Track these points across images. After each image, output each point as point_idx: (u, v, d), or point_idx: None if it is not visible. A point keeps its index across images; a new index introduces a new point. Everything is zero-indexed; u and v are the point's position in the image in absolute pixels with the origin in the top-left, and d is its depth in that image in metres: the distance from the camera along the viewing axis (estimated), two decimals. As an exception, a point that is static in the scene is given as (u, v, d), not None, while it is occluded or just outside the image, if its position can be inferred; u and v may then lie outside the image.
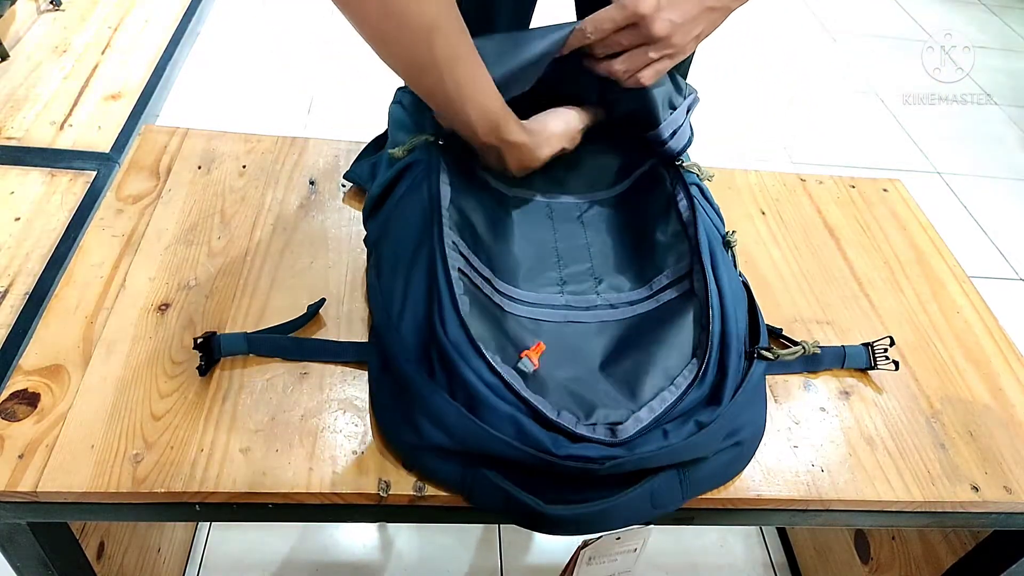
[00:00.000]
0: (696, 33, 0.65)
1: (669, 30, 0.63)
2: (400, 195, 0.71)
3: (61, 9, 1.96)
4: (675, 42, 0.64)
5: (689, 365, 0.62)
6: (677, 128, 0.74)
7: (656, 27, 0.63)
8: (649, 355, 0.64)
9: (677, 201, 0.74)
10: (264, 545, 1.13)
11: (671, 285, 0.70)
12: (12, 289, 1.28)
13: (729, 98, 2.28)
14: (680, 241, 0.72)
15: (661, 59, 0.66)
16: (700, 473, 0.60)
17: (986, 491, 0.66)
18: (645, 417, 0.58)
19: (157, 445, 0.60)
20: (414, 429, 0.58)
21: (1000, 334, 0.81)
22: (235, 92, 2.00)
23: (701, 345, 0.63)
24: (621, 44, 0.65)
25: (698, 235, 0.68)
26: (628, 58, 0.65)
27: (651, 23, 0.63)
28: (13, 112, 1.63)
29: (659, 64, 0.66)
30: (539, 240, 0.75)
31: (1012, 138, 2.31)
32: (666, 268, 0.71)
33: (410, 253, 0.65)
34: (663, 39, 0.64)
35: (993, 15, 2.97)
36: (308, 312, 0.69)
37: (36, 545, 0.64)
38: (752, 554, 1.22)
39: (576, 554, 0.64)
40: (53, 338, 0.66)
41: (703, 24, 0.65)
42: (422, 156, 0.73)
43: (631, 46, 0.65)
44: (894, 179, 1.01)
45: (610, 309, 0.70)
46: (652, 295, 0.71)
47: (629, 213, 0.79)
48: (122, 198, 0.81)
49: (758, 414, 0.65)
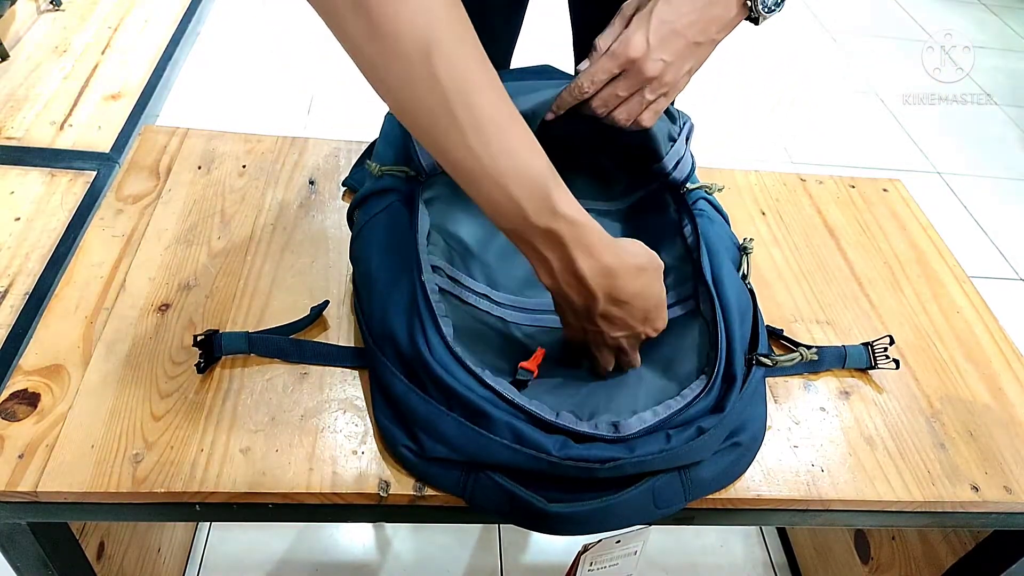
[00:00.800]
0: (687, 68, 0.66)
1: (661, 69, 0.64)
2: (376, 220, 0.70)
3: (61, 9, 1.96)
4: (668, 80, 0.65)
5: (697, 380, 0.63)
6: (680, 159, 0.75)
7: (649, 68, 0.64)
8: (655, 369, 0.65)
9: (682, 227, 0.75)
10: (264, 545, 1.13)
11: (675, 304, 0.71)
12: (12, 289, 1.28)
13: (729, 98, 2.28)
14: (685, 264, 0.73)
15: (657, 99, 0.66)
16: (702, 474, 0.60)
17: (986, 491, 0.66)
18: (649, 419, 0.58)
19: (157, 445, 0.60)
20: (416, 443, 0.59)
21: (1000, 334, 0.81)
22: (235, 92, 2.00)
23: (709, 363, 0.64)
24: (619, 96, 0.66)
25: (702, 262, 0.69)
26: (627, 106, 0.67)
27: (643, 64, 0.63)
28: (13, 112, 1.63)
29: (656, 104, 0.67)
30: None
31: (1012, 138, 2.31)
32: (670, 289, 0.72)
33: (387, 278, 0.65)
34: (656, 79, 0.65)
35: (993, 15, 2.97)
36: (311, 314, 0.69)
37: (36, 545, 0.64)
38: (752, 554, 1.22)
39: (576, 559, 0.64)
40: (53, 338, 0.66)
41: (692, 60, 0.65)
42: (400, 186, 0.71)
43: (629, 95, 0.66)
44: (894, 179, 1.01)
45: None
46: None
47: (633, 230, 0.80)
48: (122, 198, 0.81)
49: (758, 416, 0.66)
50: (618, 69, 0.65)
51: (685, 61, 0.65)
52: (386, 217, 0.69)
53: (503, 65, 0.94)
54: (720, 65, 2.37)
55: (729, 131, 2.14)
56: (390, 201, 0.70)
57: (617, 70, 0.65)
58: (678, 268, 0.73)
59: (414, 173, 0.72)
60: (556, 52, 0.76)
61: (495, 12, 0.84)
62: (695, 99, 2.16)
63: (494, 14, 0.84)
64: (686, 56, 0.64)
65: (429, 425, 0.58)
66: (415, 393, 0.59)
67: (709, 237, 0.72)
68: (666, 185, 0.77)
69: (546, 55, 0.81)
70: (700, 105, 2.18)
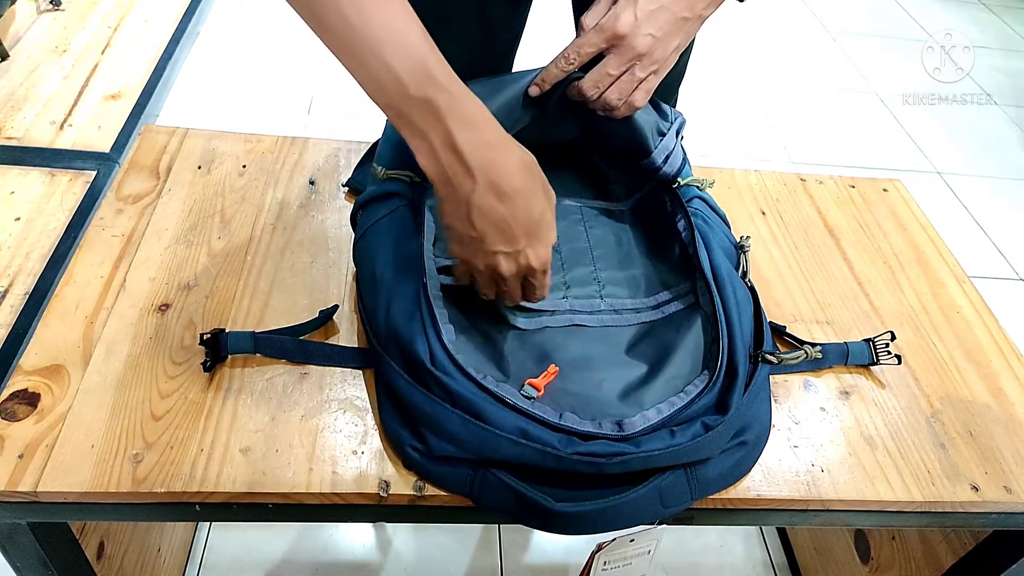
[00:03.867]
0: (675, 45, 0.66)
1: (650, 45, 0.64)
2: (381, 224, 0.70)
3: (61, 9, 1.96)
4: (657, 56, 0.65)
5: (700, 376, 0.63)
6: (669, 153, 0.75)
7: (638, 43, 0.64)
8: (657, 365, 0.65)
9: (677, 223, 0.75)
10: (264, 545, 1.13)
11: (675, 299, 0.72)
12: (12, 289, 1.28)
13: (729, 98, 2.28)
14: (683, 260, 0.73)
15: (648, 76, 0.66)
16: (708, 473, 0.60)
17: (986, 491, 0.66)
18: (653, 417, 0.59)
19: (157, 445, 0.60)
20: (422, 443, 0.59)
21: (1000, 334, 0.81)
22: (235, 92, 2.00)
23: (712, 358, 0.64)
24: (611, 75, 0.66)
25: (699, 255, 0.69)
26: (618, 85, 0.66)
27: (632, 40, 0.63)
28: (13, 112, 1.63)
29: (647, 83, 0.67)
30: None
31: (1012, 138, 2.31)
32: (669, 284, 0.73)
33: (392, 281, 0.65)
34: (646, 55, 0.65)
35: (993, 15, 2.97)
36: (320, 317, 0.69)
37: (36, 545, 0.64)
38: (752, 554, 1.22)
39: (591, 558, 0.64)
40: (53, 338, 0.66)
41: (680, 35, 0.66)
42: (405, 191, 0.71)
43: (620, 74, 0.66)
44: (894, 179, 1.01)
45: (614, 314, 0.71)
46: (657, 307, 0.72)
47: (631, 228, 0.80)
48: (122, 198, 0.81)
49: (763, 414, 0.66)
50: (605, 44, 0.64)
51: (673, 37, 0.65)
52: (391, 221, 0.70)
53: (505, 61, 0.92)
54: (720, 65, 2.38)
55: (729, 131, 2.14)
56: (395, 207, 0.70)
57: (604, 45, 0.64)
58: (676, 264, 0.73)
59: (419, 179, 0.71)
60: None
61: (495, 3, 0.83)
62: (695, 99, 2.16)
63: (494, 5, 0.83)
64: (674, 32, 0.65)
65: (435, 423, 0.58)
66: (420, 392, 0.59)
67: (705, 236, 0.72)
68: (661, 183, 0.77)
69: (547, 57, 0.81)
70: (700, 105, 2.18)
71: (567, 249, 0.76)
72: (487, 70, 0.89)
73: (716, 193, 0.86)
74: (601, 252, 0.77)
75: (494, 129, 0.56)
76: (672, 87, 0.93)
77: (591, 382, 0.64)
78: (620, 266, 0.76)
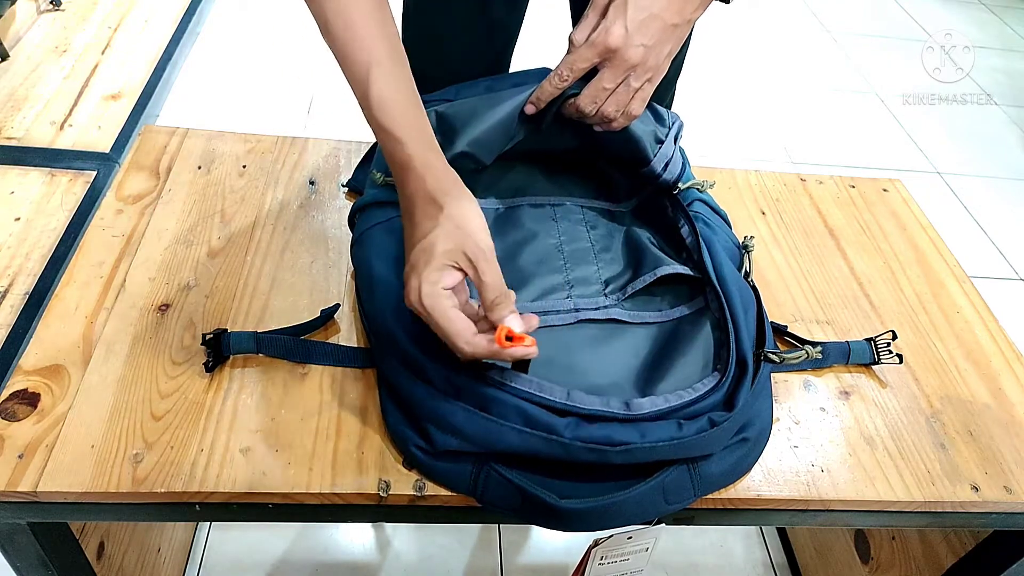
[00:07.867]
0: (667, 51, 0.66)
1: (643, 55, 0.64)
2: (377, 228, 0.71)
3: (61, 9, 1.96)
4: (651, 65, 0.66)
5: (711, 375, 0.63)
6: (668, 160, 0.75)
7: (631, 55, 0.64)
8: (666, 363, 0.66)
9: (680, 228, 0.75)
10: (264, 545, 1.13)
11: (681, 302, 0.72)
12: (12, 289, 1.28)
13: (729, 98, 2.28)
14: (688, 262, 0.73)
15: (643, 85, 0.67)
16: (711, 469, 0.60)
17: (986, 491, 0.66)
18: (661, 403, 0.59)
19: (157, 445, 0.60)
20: (426, 439, 0.59)
21: (1000, 334, 0.81)
22: (235, 92, 2.00)
23: (721, 360, 0.64)
24: (606, 89, 0.66)
25: (704, 261, 0.69)
26: (615, 98, 0.67)
27: (625, 53, 0.64)
28: (13, 112, 1.63)
29: (643, 91, 0.67)
30: (543, 242, 0.76)
31: (1012, 138, 2.31)
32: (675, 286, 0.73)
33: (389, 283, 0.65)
34: (639, 64, 0.65)
35: (993, 15, 2.97)
36: (321, 316, 0.69)
37: (36, 545, 0.64)
38: (752, 554, 1.22)
39: (588, 553, 0.64)
40: (53, 338, 0.66)
41: (672, 42, 0.66)
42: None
43: (615, 86, 0.66)
44: (894, 179, 1.01)
45: (620, 311, 0.71)
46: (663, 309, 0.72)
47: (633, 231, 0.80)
48: (122, 198, 0.81)
49: (764, 411, 0.66)
50: (598, 59, 0.65)
51: (665, 44, 0.65)
52: (389, 226, 0.70)
53: (503, 58, 0.93)
54: (720, 65, 2.38)
55: (729, 131, 2.14)
56: (391, 216, 0.71)
57: (597, 59, 0.65)
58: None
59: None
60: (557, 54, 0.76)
61: (496, 3, 0.84)
62: (695, 99, 2.16)
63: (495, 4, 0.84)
64: (665, 39, 0.65)
65: (437, 416, 0.58)
66: (421, 386, 0.59)
67: (708, 239, 0.72)
68: (661, 188, 0.78)
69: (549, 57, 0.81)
70: (700, 105, 2.18)
71: (570, 249, 0.76)
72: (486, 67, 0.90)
73: (716, 193, 0.86)
74: (603, 252, 0.77)
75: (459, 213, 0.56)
76: (670, 83, 0.93)
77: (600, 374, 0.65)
78: (623, 269, 0.76)
